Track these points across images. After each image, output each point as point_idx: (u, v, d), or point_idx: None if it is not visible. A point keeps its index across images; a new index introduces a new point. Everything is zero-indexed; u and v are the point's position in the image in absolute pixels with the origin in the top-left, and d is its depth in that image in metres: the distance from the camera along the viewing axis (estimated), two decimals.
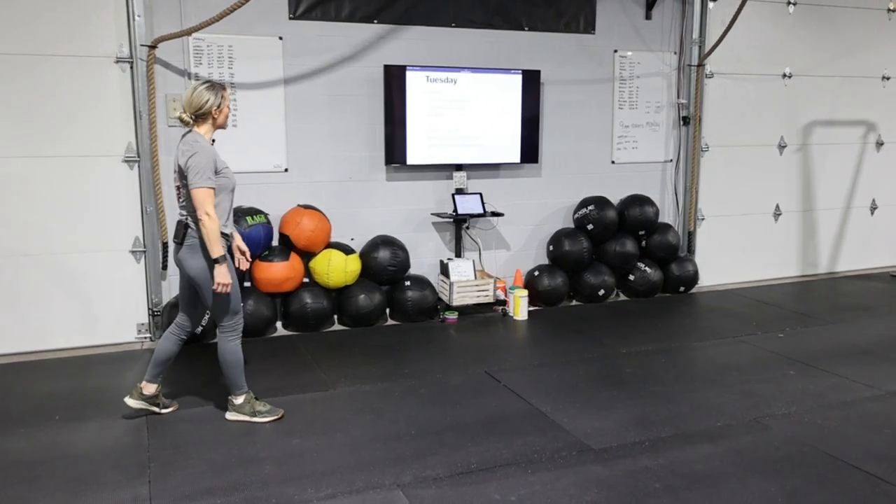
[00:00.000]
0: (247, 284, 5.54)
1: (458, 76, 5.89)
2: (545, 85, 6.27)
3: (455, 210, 5.95)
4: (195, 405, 4.22)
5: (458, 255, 6.16)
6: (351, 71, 5.74)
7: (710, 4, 6.61)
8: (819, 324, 5.96)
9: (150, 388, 4.08)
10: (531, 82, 6.10)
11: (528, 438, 3.79)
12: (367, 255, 5.80)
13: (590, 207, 6.38)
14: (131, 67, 5.15)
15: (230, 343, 3.97)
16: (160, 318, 5.38)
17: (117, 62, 5.13)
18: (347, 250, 5.71)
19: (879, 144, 7.75)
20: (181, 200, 3.89)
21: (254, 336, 5.44)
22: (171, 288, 5.45)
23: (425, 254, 6.15)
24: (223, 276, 3.76)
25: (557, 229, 6.46)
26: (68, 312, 5.24)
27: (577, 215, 6.46)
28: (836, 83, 7.39)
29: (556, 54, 6.32)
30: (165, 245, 5.39)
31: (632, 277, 6.57)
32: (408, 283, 5.85)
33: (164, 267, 5.42)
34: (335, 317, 5.80)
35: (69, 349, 5.25)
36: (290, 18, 5.54)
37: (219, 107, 3.82)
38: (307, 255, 5.66)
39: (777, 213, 7.35)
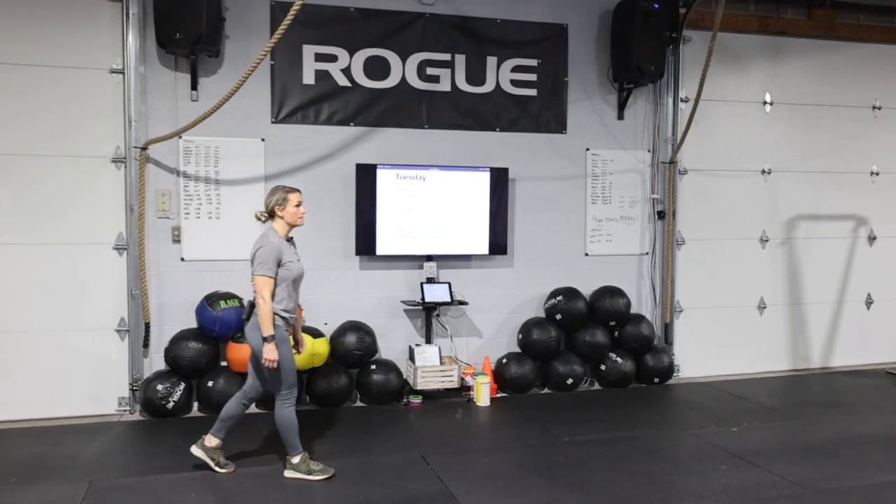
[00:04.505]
0: (223, 363, 5.95)
1: (427, 174, 6.31)
2: (517, 181, 6.60)
3: (423, 298, 6.25)
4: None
5: (428, 341, 6.41)
6: (327, 168, 6.24)
7: (682, 105, 6.88)
8: (781, 419, 5.86)
9: (212, 442, 4.62)
10: (499, 179, 6.45)
11: None
12: (336, 339, 6.11)
13: (559, 298, 6.55)
14: (125, 166, 5.81)
15: (285, 409, 4.51)
16: (139, 392, 5.81)
17: (113, 161, 5.80)
18: (316, 334, 6.04)
19: (872, 239, 7.66)
20: (252, 285, 4.50)
21: None
22: (151, 365, 5.92)
23: (396, 339, 6.42)
24: (270, 353, 4.34)
25: (528, 318, 6.64)
26: (54, 384, 5.73)
27: (546, 305, 6.63)
28: (820, 178, 7.44)
29: (528, 153, 6.67)
30: (148, 325, 5.88)
31: (603, 367, 6.63)
32: (374, 366, 6.11)
33: (146, 345, 5.89)
34: (305, 397, 6.10)
35: (51, 419, 5.69)
36: (273, 122, 6.13)
37: (280, 205, 4.51)
38: None
39: (762, 306, 7.30)
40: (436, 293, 6.28)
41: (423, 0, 6.34)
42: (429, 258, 6.40)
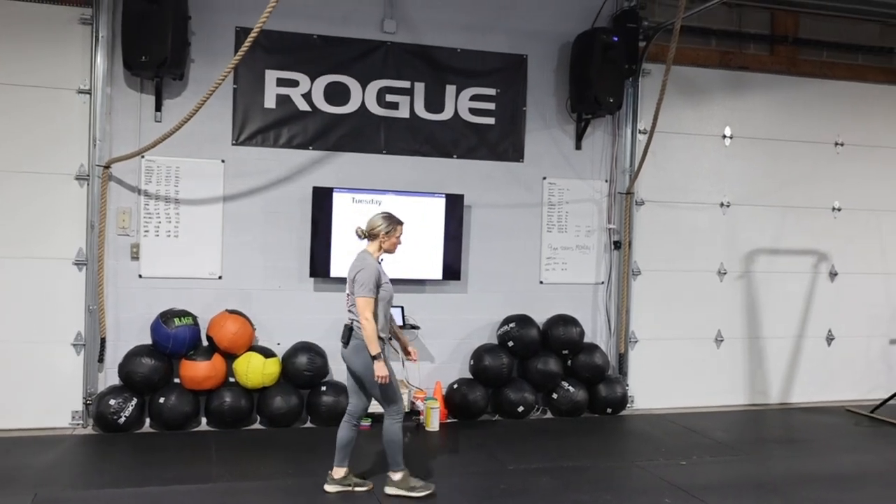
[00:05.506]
0: (176, 380, 6.03)
1: (383, 198, 6.40)
2: (472, 208, 6.70)
3: None
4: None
5: None
6: (285, 191, 6.36)
7: (640, 136, 6.96)
8: (732, 454, 5.84)
9: (339, 473, 4.79)
10: (454, 205, 6.54)
11: None
12: (287, 359, 6.18)
13: (511, 325, 6.60)
14: (88, 184, 5.95)
15: (394, 425, 4.69)
16: (92, 407, 5.90)
17: (77, 179, 5.95)
18: (267, 353, 6.12)
19: (833, 275, 7.67)
20: (348, 306, 4.71)
21: (174, 429, 5.87)
22: (106, 379, 6.01)
23: None
24: (381, 370, 4.52)
25: (481, 344, 6.68)
26: (8, 396, 5.82)
27: (499, 332, 6.67)
28: (780, 213, 7.48)
29: (485, 180, 6.77)
30: (104, 340, 5.98)
31: (555, 396, 6.65)
32: (324, 388, 6.18)
33: (101, 360, 5.98)
34: (256, 416, 6.16)
35: (3, 430, 5.76)
36: (233, 144, 6.27)
37: (387, 234, 4.72)
38: (232, 357, 6.12)
39: (719, 339, 7.31)
40: None
41: (385, 28, 6.50)
42: None
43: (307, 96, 6.38)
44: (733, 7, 7.24)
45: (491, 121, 6.76)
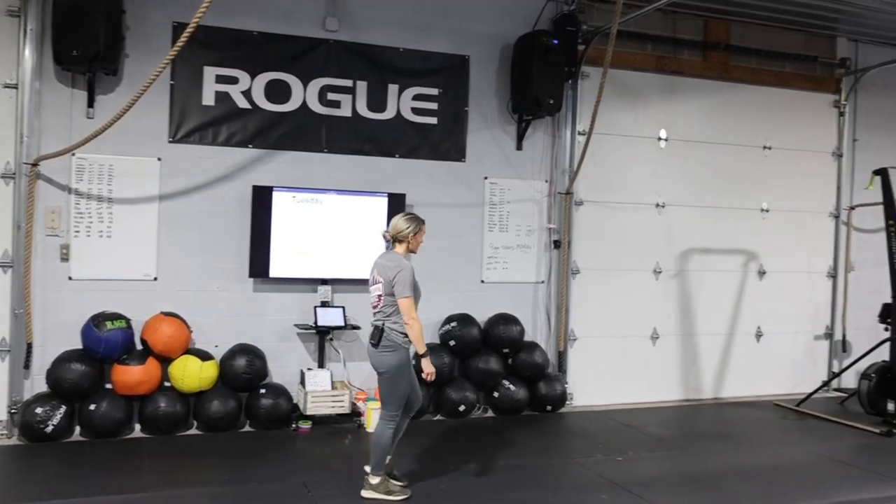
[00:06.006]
0: (108, 386, 5.83)
1: (324, 197, 6.35)
2: (415, 207, 6.65)
3: (316, 322, 6.26)
4: None
5: (321, 365, 6.40)
6: (224, 190, 6.23)
7: (580, 138, 7.09)
8: (668, 449, 6.02)
9: (375, 479, 4.67)
10: (396, 204, 6.50)
11: None
12: (225, 362, 6.06)
13: (453, 324, 6.64)
14: (14, 182, 5.69)
15: (387, 429, 4.64)
16: (17, 416, 5.64)
17: (2, 177, 5.69)
18: (204, 356, 5.98)
19: (762, 273, 7.98)
20: (378, 307, 4.67)
21: (105, 437, 5.67)
22: (33, 387, 5.76)
23: (289, 363, 6.40)
24: (429, 366, 4.63)
25: None
26: None
27: (441, 331, 6.70)
28: (712, 213, 7.73)
29: (427, 180, 6.79)
30: (30, 346, 5.73)
31: (496, 395, 6.71)
32: (263, 390, 6.08)
33: (27, 366, 5.74)
34: (192, 421, 6.02)
35: None
36: (170, 141, 6.11)
37: (414, 235, 4.75)
38: (168, 361, 5.95)
39: (655, 337, 7.52)
40: (329, 317, 6.30)
41: (326, 27, 6.44)
42: (324, 282, 6.42)
43: (247, 94, 6.27)
44: (668, 14, 7.43)
45: (433, 120, 6.78)
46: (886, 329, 7.10)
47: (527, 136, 7.05)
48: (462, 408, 6.54)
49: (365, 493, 4.67)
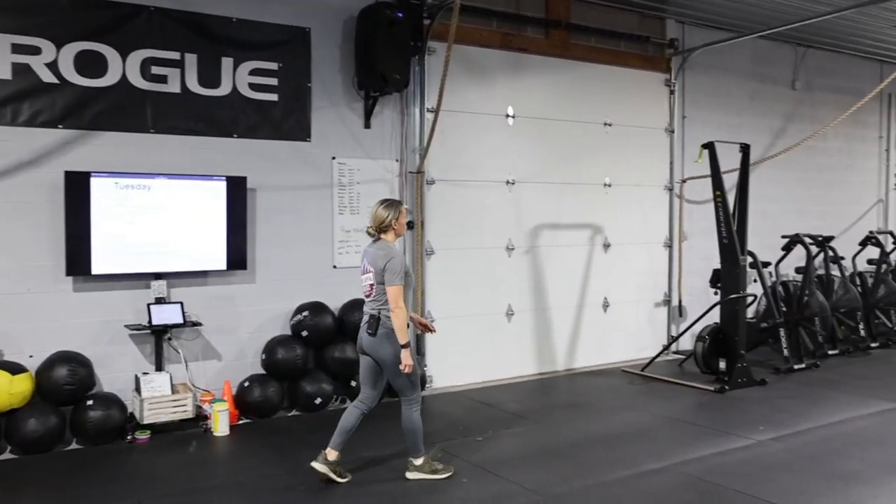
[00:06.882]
0: None
1: (152, 182, 5.72)
2: (257, 191, 6.22)
3: (150, 321, 5.66)
4: None
5: (159, 368, 5.80)
6: (30, 177, 5.42)
7: (429, 115, 6.90)
8: (525, 424, 6.05)
9: (332, 455, 4.72)
10: (237, 189, 6.01)
11: None
12: (42, 373, 5.31)
13: (304, 314, 6.27)
14: None
15: (413, 413, 4.75)
16: None
17: None
18: (15, 369, 5.19)
19: (607, 246, 8.27)
20: (372, 296, 4.67)
21: None
22: None
23: (121, 368, 5.74)
24: (408, 358, 4.59)
25: (273, 336, 6.27)
26: None
27: (292, 322, 6.31)
28: (559, 189, 7.87)
29: (270, 161, 6.31)
30: None
31: (354, 384, 6.41)
32: (90, 402, 5.40)
33: None
34: (5, 445, 5.22)
35: None
36: None
37: (397, 219, 4.71)
38: None
39: (510, 313, 7.57)
40: (166, 314, 5.71)
41: None
42: (157, 276, 5.80)
43: (53, 66, 5.47)
44: None
45: (274, 97, 6.29)
46: (716, 293, 7.62)
47: (375, 113, 6.75)
48: (318, 401, 6.20)
49: (410, 475, 4.79)
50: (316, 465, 4.68)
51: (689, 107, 8.83)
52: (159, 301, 5.78)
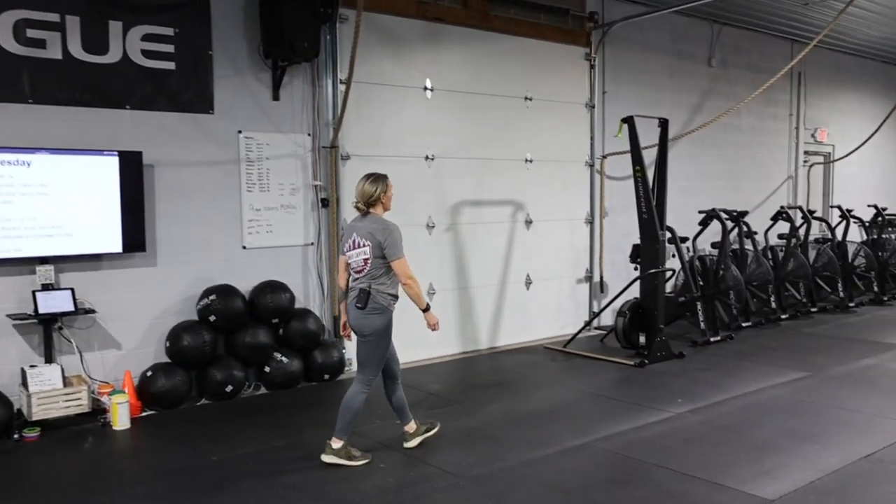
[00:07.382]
0: None
1: (32, 158, 5.21)
2: (156, 167, 5.78)
3: (36, 310, 5.18)
4: None
5: (49, 360, 5.33)
6: None
7: (342, 87, 6.55)
8: (446, 405, 5.89)
9: (337, 443, 4.63)
10: (131, 165, 5.57)
11: None
12: None
13: (212, 297, 5.90)
14: None
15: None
16: None
17: None
18: None
19: (528, 223, 8.16)
20: (365, 271, 4.58)
21: None
22: None
23: (6, 361, 5.27)
24: (432, 318, 4.87)
25: (178, 322, 5.89)
26: None
27: (199, 306, 5.93)
28: (481, 165, 7.70)
29: (168, 135, 5.88)
30: None
31: (268, 369, 6.12)
32: None
33: None
34: None
35: None
36: None
37: (385, 192, 4.64)
38: None
39: (431, 292, 7.35)
40: (54, 302, 5.24)
41: None
42: (43, 260, 5.32)
43: None
44: None
45: (171, 65, 5.84)
46: (636, 269, 7.63)
47: (284, 84, 6.37)
48: (229, 388, 5.87)
49: (325, 458, 4.62)
50: (325, 457, 4.64)
51: (609, 82, 8.78)
52: (46, 288, 5.30)
